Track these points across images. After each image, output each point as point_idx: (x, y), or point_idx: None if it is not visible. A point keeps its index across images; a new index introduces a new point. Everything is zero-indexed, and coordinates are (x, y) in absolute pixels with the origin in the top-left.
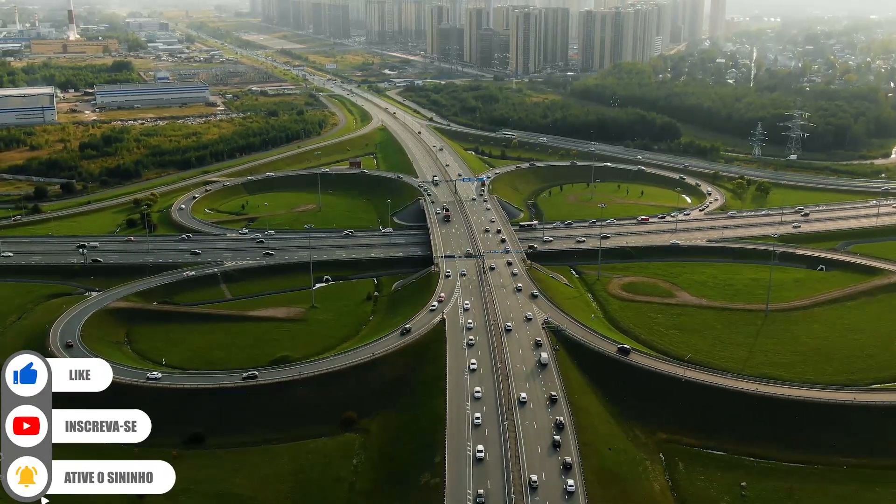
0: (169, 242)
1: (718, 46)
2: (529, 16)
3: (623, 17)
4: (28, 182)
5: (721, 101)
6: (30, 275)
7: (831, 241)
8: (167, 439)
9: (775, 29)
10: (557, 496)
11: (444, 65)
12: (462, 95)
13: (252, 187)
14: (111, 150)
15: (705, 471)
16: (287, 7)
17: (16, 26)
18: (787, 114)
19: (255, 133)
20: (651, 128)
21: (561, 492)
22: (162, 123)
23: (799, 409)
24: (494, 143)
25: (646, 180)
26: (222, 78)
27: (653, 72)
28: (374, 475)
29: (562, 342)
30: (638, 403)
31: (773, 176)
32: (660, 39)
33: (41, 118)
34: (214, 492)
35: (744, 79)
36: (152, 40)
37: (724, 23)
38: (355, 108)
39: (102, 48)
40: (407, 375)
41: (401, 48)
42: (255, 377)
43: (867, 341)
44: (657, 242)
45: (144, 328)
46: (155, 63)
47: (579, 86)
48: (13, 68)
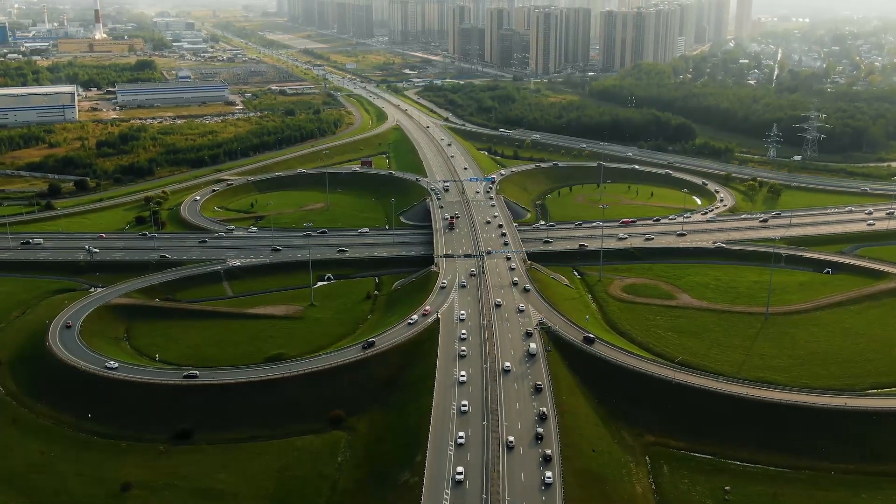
0: (189, 240)
1: (743, 47)
2: (550, 16)
3: (644, 18)
4: (43, 179)
5: (739, 102)
6: (36, 271)
7: (840, 245)
8: (156, 434)
9: (803, 29)
10: (534, 495)
11: (465, 65)
12: (479, 95)
13: (262, 186)
14: (127, 148)
15: (690, 474)
16: (312, 7)
17: (44, 25)
18: (803, 115)
19: (270, 132)
20: (665, 129)
21: (538, 490)
22: (180, 122)
23: (789, 413)
24: (508, 143)
25: (658, 181)
26: (243, 77)
27: (673, 72)
28: (358, 473)
29: (554, 343)
30: (627, 405)
31: (786, 178)
32: (683, 40)
33: (62, 116)
34: (198, 487)
35: (765, 80)
36: (178, 40)
37: (751, 23)
38: (372, 108)
39: (128, 47)
40: (397, 373)
41: (423, 48)
42: (195, 376)
43: (867, 346)
44: (663, 244)
45: (144, 324)
46: (178, 62)
47: (598, 86)
48: (38, 67)
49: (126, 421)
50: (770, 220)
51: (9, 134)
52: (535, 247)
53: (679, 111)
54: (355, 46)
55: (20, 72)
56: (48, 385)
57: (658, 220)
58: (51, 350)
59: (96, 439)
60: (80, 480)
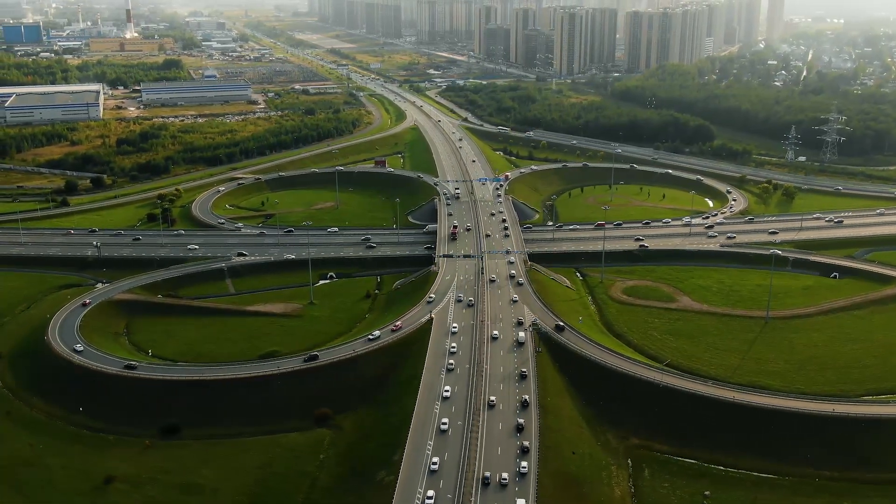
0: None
1: (772, 48)
2: (574, 16)
3: (670, 18)
4: (62, 176)
5: (761, 103)
6: (45, 266)
7: (850, 248)
8: (145, 429)
9: (836, 30)
10: (509, 496)
11: (489, 65)
12: (499, 96)
13: (275, 184)
14: (147, 146)
15: (671, 478)
16: (342, 7)
17: (79, 25)
18: (822, 117)
19: (288, 131)
20: (683, 130)
21: (512, 491)
22: (201, 120)
23: (775, 418)
24: (523, 144)
25: (672, 183)
26: (268, 76)
27: (698, 73)
28: (338, 471)
29: (545, 344)
30: (614, 408)
31: (803, 181)
32: (711, 41)
33: (86, 114)
34: (180, 482)
35: (792, 81)
36: (207, 39)
37: (783, 24)
38: (392, 108)
39: (158, 46)
40: (387, 373)
41: (449, 48)
42: (133, 367)
43: (867, 352)
44: (668, 246)
45: (144, 320)
46: (206, 61)
47: (620, 87)
48: (68, 66)
49: (116, 415)
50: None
51: (32, 131)
52: (537, 248)
53: (700, 112)
54: (382, 46)
55: (50, 70)
56: (44, 379)
57: (647, 223)
58: (48, 344)
59: (86, 433)
60: (66, 473)
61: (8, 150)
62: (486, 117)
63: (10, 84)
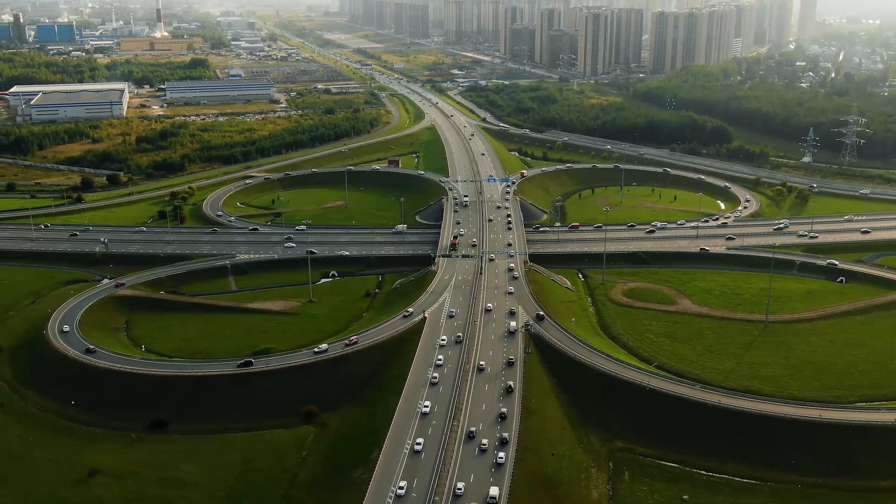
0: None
1: (802, 49)
2: (599, 16)
3: (696, 19)
4: (80, 173)
5: (782, 105)
6: (53, 261)
7: (860, 253)
8: (134, 424)
9: (870, 31)
10: (481, 495)
11: (514, 65)
12: (519, 96)
13: (287, 183)
14: (165, 144)
15: (651, 482)
16: (371, 7)
17: (111, 24)
18: (842, 119)
19: (305, 130)
20: (701, 131)
21: (484, 497)
22: (222, 119)
23: (761, 423)
24: (539, 144)
25: (684, 185)
26: (292, 76)
27: (722, 75)
28: (319, 468)
29: (536, 344)
30: (599, 409)
31: (819, 183)
32: (740, 41)
33: (109, 113)
34: (161, 476)
35: (819, 83)
36: (237, 39)
37: (815, 24)
38: (412, 107)
39: (187, 46)
40: (375, 371)
41: (476, 48)
42: (92, 351)
43: (866, 357)
44: (673, 248)
45: (144, 316)
46: (233, 61)
47: (642, 87)
48: (97, 65)
49: (107, 409)
50: (791, 226)
51: (55, 129)
52: (541, 248)
53: (720, 114)
54: (409, 46)
55: (78, 69)
56: (41, 372)
57: (633, 225)
58: (46, 338)
59: (76, 426)
60: (52, 466)
61: (30, 148)
62: (505, 117)
63: (39, 82)
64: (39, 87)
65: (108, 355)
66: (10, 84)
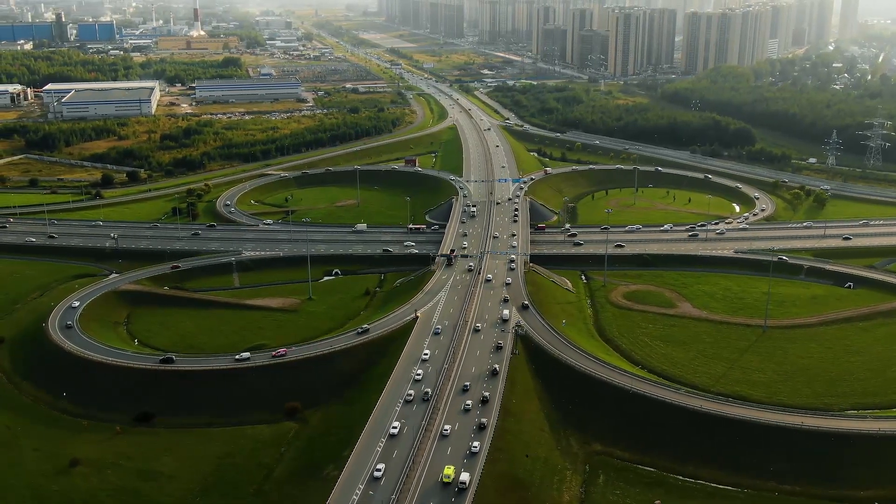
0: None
1: (841, 50)
2: (630, 16)
3: (729, 19)
4: (102, 169)
5: (810, 107)
6: (64, 256)
7: (871, 258)
8: (119, 415)
9: None
10: (445, 495)
11: (544, 66)
12: (545, 97)
13: (303, 181)
14: (189, 141)
15: (625, 486)
16: (408, 7)
17: (152, 23)
18: (867, 122)
19: (327, 129)
20: (724, 133)
21: (453, 493)
22: (248, 117)
23: (742, 429)
24: (559, 145)
25: (700, 187)
26: (322, 75)
27: (754, 76)
28: (295, 464)
29: (524, 346)
30: (581, 412)
31: (839, 187)
32: (776, 42)
33: (138, 110)
34: (140, 468)
35: (853, 85)
36: (273, 38)
37: (856, 25)
38: (437, 107)
39: (223, 45)
40: (361, 369)
41: (508, 49)
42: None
43: (863, 364)
44: (677, 251)
45: (145, 311)
46: (267, 60)
47: (670, 88)
48: (132, 63)
49: (96, 401)
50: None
51: (82, 126)
52: (546, 249)
53: (746, 116)
54: (442, 46)
55: (113, 67)
56: (37, 364)
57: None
58: (45, 331)
59: (65, 417)
60: (36, 455)
61: (57, 144)
62: (528, 118)
63: (75, 80)
64: (73, 85)
65: (102, 348)
66: (46, 82)
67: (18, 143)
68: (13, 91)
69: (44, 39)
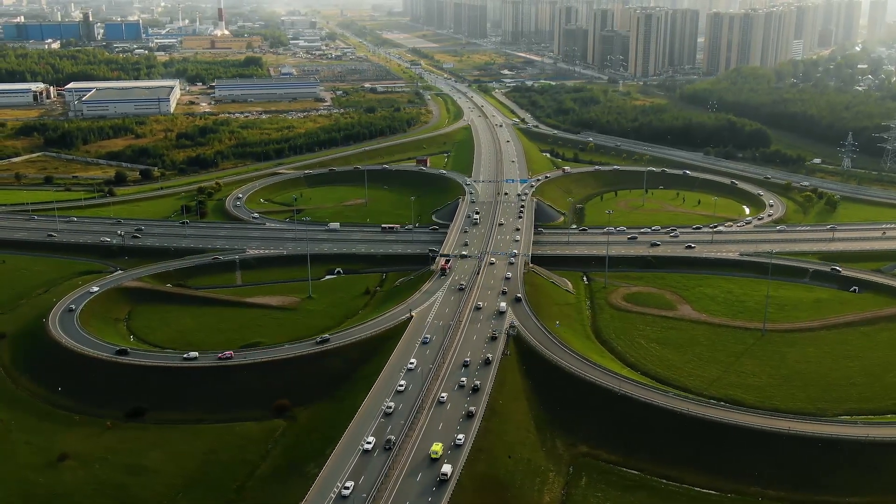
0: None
1: (868, 51)
2: (651, 17)
3: (752, 20)
4: (117, 167)
5: (829, 109)
6: (71, 252)
7: (879, 262)
8: (112, 411)
9: None
10: (424, 495)
11: (565, 66)
12: (562, 97)
13: (312, 180)
14: (204, 140)
15: (607, 489)
16: (432, 7)
17: (178, 23)
18: (883, 124)
19: (342, 128)
20: (738, 134)
21: (430, 492)
22: (265, 117)
23: (729, 433)
24: (572, 146)
25: (711, 189)
26: (342, 75)
27: (775, 77)
28: (279, 461)
29: (516, 346)
30: (569, 414)
31: (853, 190)
32: (800, 43)
33: (157, 109)
34: (127, 463)
35: (877, 87)
36: (296, 38)
37: (885, 26)
38: (454, 107)
39: (246, 44)
40: (352, 368)
41: (529, 49)
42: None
43: (860, 369)
44: (680, 253)
45: (145, 307)
46: (289, 59)
47: (689, 89)
48: (156, 62)
49: (91, 396)
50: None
51: (101, 124)
52: (549, 250)
53: (764, 117)
54: (464, 46)
55: (136, 66)
56: (36, 359)
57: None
58: (45, 326)
59: (58, 411)
60: (27, 448)
61: (74, 142)
62: (544, 118)
63: (98, 79)
64: (95, 83)
65: (98, 344)
66: (70, 80)
67: (38, 141)
68: (36, 89)
69: (71, 39)
